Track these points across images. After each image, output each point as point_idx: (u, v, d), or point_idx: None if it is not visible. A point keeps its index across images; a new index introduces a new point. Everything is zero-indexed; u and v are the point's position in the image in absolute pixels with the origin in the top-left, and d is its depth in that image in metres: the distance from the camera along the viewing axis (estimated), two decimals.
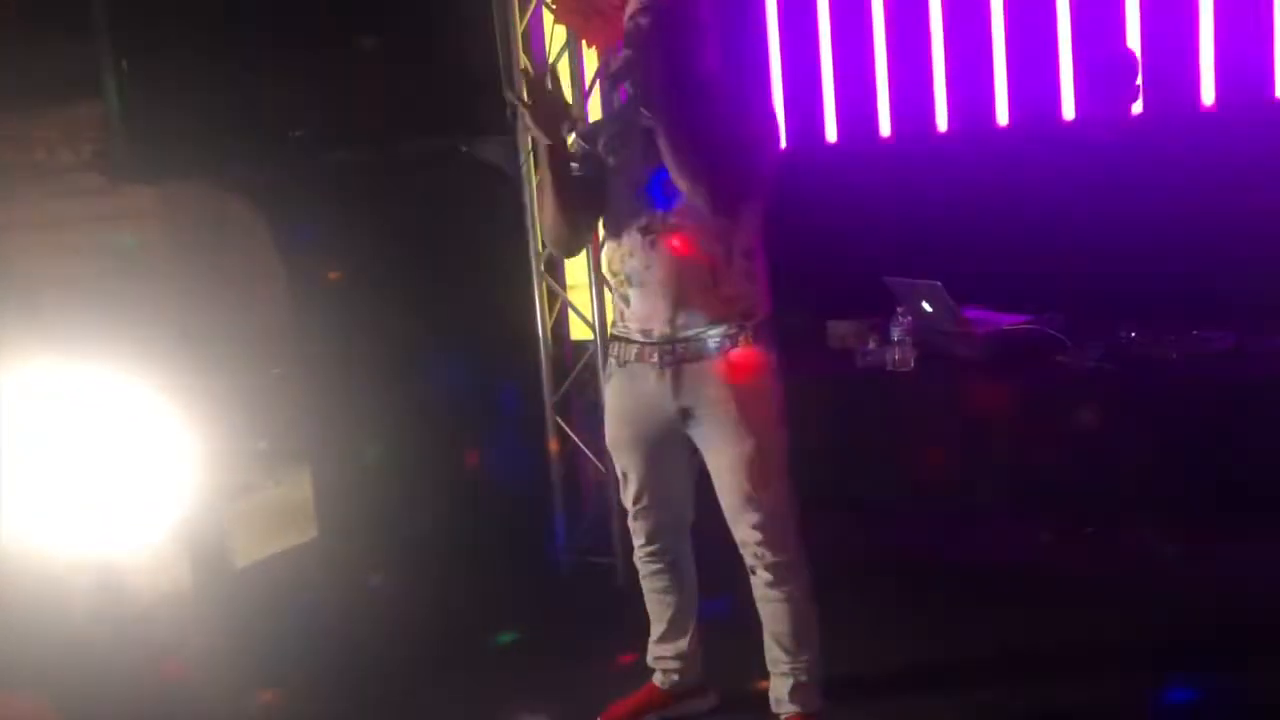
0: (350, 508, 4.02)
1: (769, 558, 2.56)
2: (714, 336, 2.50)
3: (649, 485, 2.66)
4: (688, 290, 2.48)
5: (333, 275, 3.94)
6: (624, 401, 2.62)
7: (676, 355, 2.52)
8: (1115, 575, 3.14)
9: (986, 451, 3.37)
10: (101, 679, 2.91)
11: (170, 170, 3.82)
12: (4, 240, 4.15)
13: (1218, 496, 3.06)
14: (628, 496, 2.71)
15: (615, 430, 2.66)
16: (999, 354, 3.44)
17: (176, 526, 3.43)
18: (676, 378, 2.52)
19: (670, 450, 2.62)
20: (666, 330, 2.52)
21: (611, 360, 2.64)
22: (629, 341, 2.58)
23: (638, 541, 2.74)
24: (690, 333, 2.51)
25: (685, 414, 2.55)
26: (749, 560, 2.59)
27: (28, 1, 3.86)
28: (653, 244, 2.50)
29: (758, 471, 2.50)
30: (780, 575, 2.57)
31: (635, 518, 2.72)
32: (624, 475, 2.70)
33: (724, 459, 2.54)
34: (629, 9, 2.50)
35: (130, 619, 3.08)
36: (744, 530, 2.56)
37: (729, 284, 2.50)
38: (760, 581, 2.60)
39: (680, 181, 2.39)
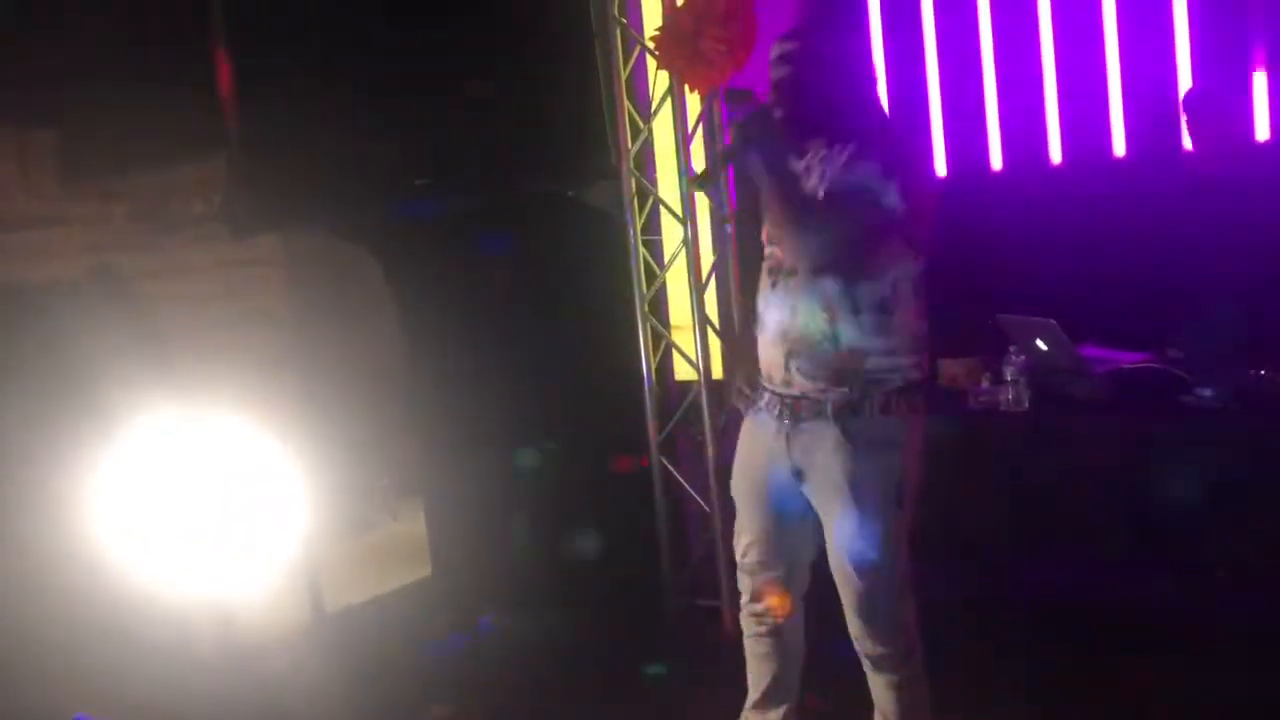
0: (464, 546, 4.10)
1: (870, 648, 2.42)
2: (832, 397, 2.34)
3: (760, 540, 2.52)
4: (803, 340, 2.34)
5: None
6: (746, 450, 2.51)
7: (793, 410, 2.38)
8: (1246, 623, 2.99)
9: (1108, 494, 3.26)
10: (222, 715, 3.01)
11: (291, 219, 3.97)
12: (138, 288, 4.36)
13: None
14: (739, 547, 2.58)
15: (736, 478, 2.56)
16: (1119, 393, 3.32)
17: (296, 564, 3.53)
18: (791, 435, 2.39)
19: (787, 508, 2.46)
20: (783, 381, 2.39)
21: (751, 405, 2.52)
22: (761, 388, 2.47)
23: (744, 599, 2.60)
24: (806, 388, 2.36)
25: (799, 474, 2.41)
26: (854, 641, 2.46)
27: (161, 60, 4.07)
28: (773, 285, 2.39)
29: (861, 553, 2.34)
30: (884, 665, 2.43)
31: (743, 571, 2.58)
32: (739, 525, 2.58)
33: (831, 531, 2.39)
34: (772, 56, 2.39)
35: (249, 656, 3.18)
36: (848, 613, 2.43)
37: (853, 338, 2.32)
38: (867, 663, 2.47)
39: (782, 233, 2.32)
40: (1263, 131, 3.64)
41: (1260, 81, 3.62)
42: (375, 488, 4.81)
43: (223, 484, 2.91)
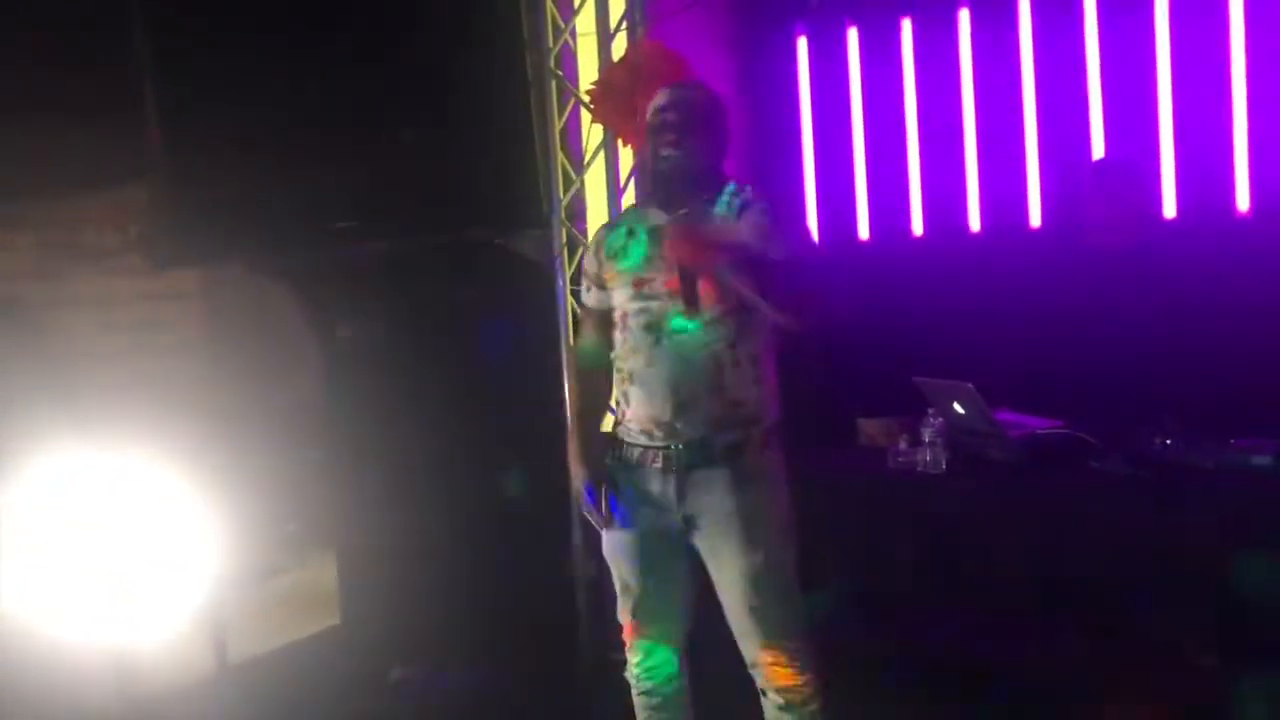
0: (374, 594, 4.01)
1: (780, 680, 2.44)
2: (719, 442, 2.40)
3: (646, 596, 2.53)
4: (691, 392, 2.40)
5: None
6: (624, 507, 2.51)
7: (680, 460, 2.41)
8: (1144, 682, 3.06)
9: (1017, 555, 3.32)
10: None
11: (212, 254, 3.90)
12: (49, 318, 4.23)
13: (1257, 609, 2.98)
14: (624, 609, 2.57)
15: (612, 538, 2.54)
16: (1031, 457, 3.40)
17: (200, 611, 3.42)
18: (680, 484, 2.42)
19: (671, 560, 2.49)
20: (667, 434, 2.42)
21: (610, 462, 2.53)
22: (629, 444, 2.48)
23: (632, 658, 2.61)
24: (693, 436, 2.41)
25: (689, 522, 2.44)
26: (759, 683, 2.48)
27: (79, 88, 3.99)
28: (656, 342, 2.43)
29: (766, 586, 2.40)
30: (793, 698, 2.45)
31: (628, 632, 2.59)
32: (622, 585, 2.57)
33: (730, 572, 2.42)
34: (653, 105, 2.53)
35: (148, 706, 3.06)
36: (753, 650, 2.45)
37: (736, 388, 2.41)
38: (771, 705, 2.48)
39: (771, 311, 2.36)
40: (1169, 209, 3.78)
41: (1168, 159, 3.76)
42: (283, 533, 4.69)
43: (124, 525, 2.81)
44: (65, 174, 4.21)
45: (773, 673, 2.45)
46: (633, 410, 2.47)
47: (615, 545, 2.55)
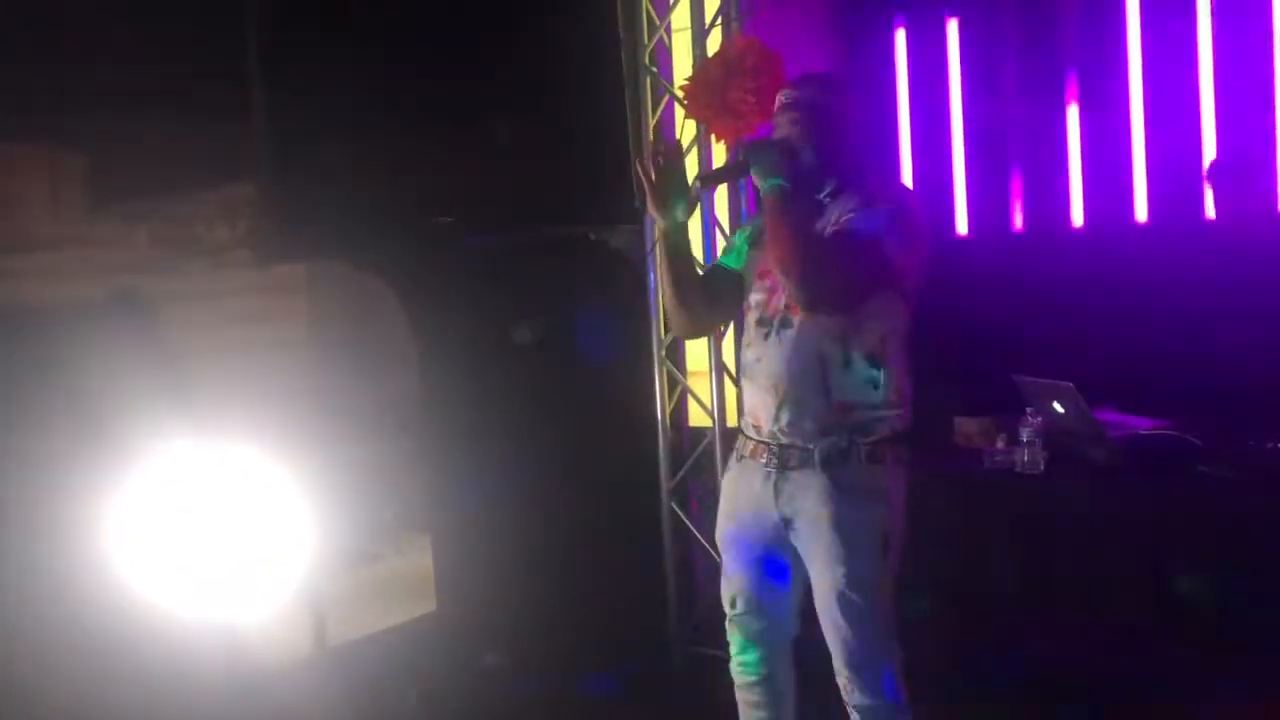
0: (469, 583, 4.08)
1: (857, 699, 2.41)
2: (821, 446, 2.36)
3: (747, 589, 2.52)
4: (793, 391, 2.37)
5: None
6: (730, 498, 2.53)
7: (781, 459, 2.40)
8: (1248, 696, 2.96)
9: (1118, 561, 3.24)
10: None
11: (316, 249, 4.00)
12: (162, 310, 4.39)
13: None
14: (725, 597, 2.58)
15: (721, 526, 2.57)
16: (1134, 460, 3.30)
17: (301, 594, 3.53)
18: (780, 483, 2.41)
19: (773, 557, 2.48)
20: (772, 430, 2.41)
21: (733, 452, 2.56)
22: (745, 436, 2.50)
23: (732, 649, 2.60)
24: (795, 437, 2.38)
25: (787, 523, 2.42)
26: (842, 692, 2.45)
27: (193, 87, 4.12)
28: (765, 336, 2.42)
29: (849, 604, 2.35)
30: (871, 718, 2.42)
31: (730, 622, 2.58)
32: (724, 574, 2.58)
33: (819, 580, 2.40)
34: (776, 105, 2.50)
35: (252, 683, 3.17)
36: (836, 661, 2.43)
37: (844, 390, 2.37)
38: (855, 715, 2.45)
39: (777, 270, 2.34)
40: None
41: None
42: (381, 520, 4.80)
43: (232, 512, 2.92)
44: (180, 171, 4.36)
45: (850, 689, 2.42)
46: (746, 404, 2.49)
47: (721, 533, 2.57)
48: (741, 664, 2.59)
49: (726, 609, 2.58)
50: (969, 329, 3.88)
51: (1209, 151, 3.77)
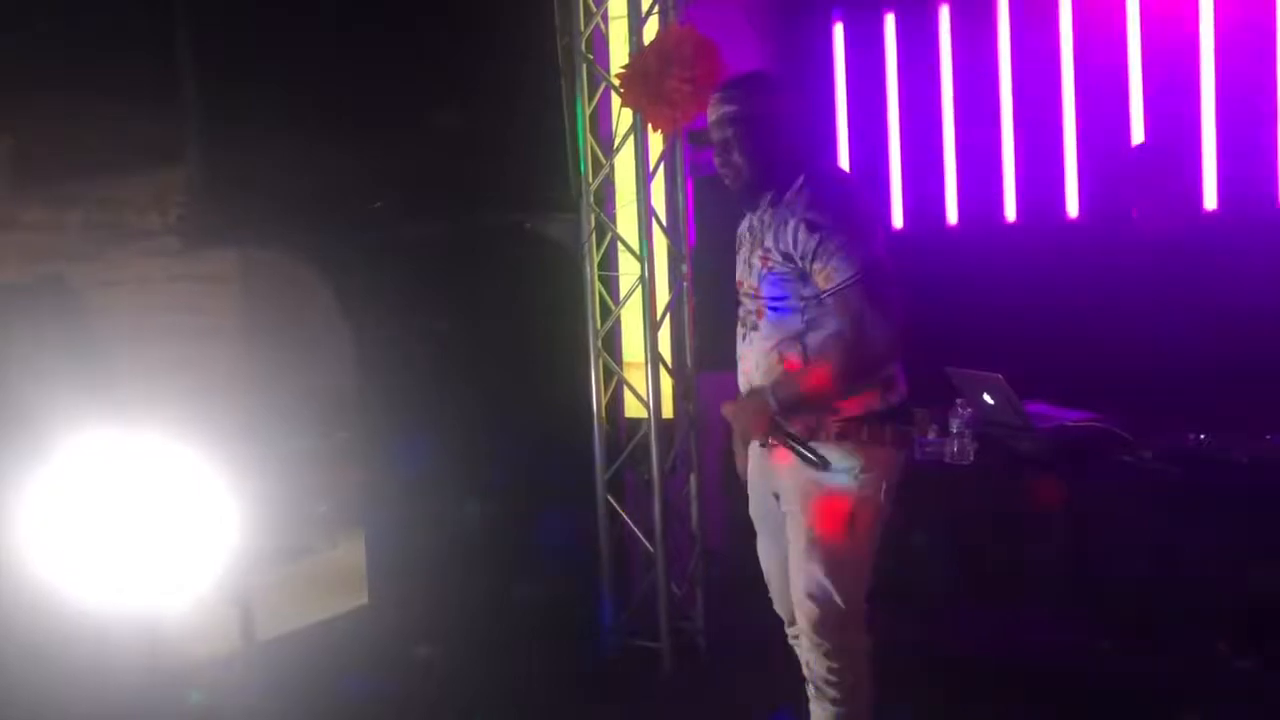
0: (402, 575, 4.05)
1: (817, 672, 2.49)
2: (795, 426, 2.46)
3: (767, 565, 2.66)
4: (764, 381, 2.49)
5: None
6: (749, 476, 2.66)
7: (763, 439, 2.52)
8: (1169, 683, 3.01)
9: (1044, 550, 3.28)
10: None
11: (249, 237, 3.95)
12: (90, 297, 4.30)
13: None
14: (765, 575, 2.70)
15: (751, 502, 2.68)
16: (1061, 450, 3.35)
17: (229, 588, 3.47)
18: (767, 459, 2.56)
19: (777, 531, 2.59)
20: None
21: None
22: None
23: (786, 625, 2.69)
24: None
25: (777, 497, 2.57)
26: (802, 666, 2.54)
27: (122, 71, 4.04)
28: (743, 337, 2.57)
29: (810, 577, 2.45)
30: (828, 691, 2.49)
31: (772, 597, 2.70)
32: (758, 552, 2.70)
33: (790, 549, 2.51)
34: (710, 118, 2.53)
35: (175, 679, 3.12)
36: (800, 634, 2.53)
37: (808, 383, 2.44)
38: (811, 688, 2.53)
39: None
40: (1210, 201, 3.71)
41: (1209, 148, 3.68)
42: (314, 513, 4.74)
43: (157, 504, 2.86)
44: (111, 156, 4.27)
45: (811, 662, 2.51)
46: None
47: (752, 509, 2.69)
48: (792, 637, 2.66)
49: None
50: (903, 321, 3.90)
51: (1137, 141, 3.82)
